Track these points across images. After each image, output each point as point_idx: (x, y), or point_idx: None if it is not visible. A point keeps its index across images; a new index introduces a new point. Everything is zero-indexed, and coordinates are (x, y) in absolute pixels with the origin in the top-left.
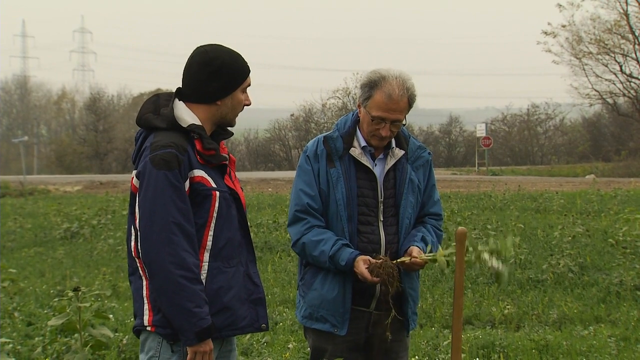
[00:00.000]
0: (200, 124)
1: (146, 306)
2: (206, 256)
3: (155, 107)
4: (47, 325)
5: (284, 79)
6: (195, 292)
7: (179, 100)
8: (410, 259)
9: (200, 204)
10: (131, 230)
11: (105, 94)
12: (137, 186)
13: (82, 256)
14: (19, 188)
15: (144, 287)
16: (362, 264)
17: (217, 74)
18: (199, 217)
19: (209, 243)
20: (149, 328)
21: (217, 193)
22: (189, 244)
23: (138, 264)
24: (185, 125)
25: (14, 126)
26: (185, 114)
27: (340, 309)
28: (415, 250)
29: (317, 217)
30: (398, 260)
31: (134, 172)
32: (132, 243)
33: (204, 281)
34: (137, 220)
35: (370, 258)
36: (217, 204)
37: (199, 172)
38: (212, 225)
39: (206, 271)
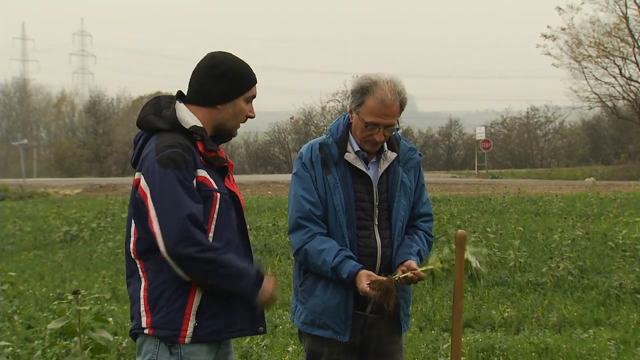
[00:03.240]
0: (202, 126)
1: (143, 307)
2: None
3: (156, 109)
4: (47, 329)
5: (283, 82)
6: (228, 258)
7: (180, 102)
8: (409, 274)
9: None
10: (130, 232)
11: (105, 97)
12: (145, 191)
13: (81, 259)
14: (18, 191)
15: (142, 289)
16: (364, 279)
17: (221, 77)
18: None
19: None
20: (146, 330)
21: (218, 194)
22: (203, 233)
23: (138, 265)
24: (187, 127)
25: (14, 129)
26: (187, 116)
27: (343, 316)
28: (414, 264)
29: (319, 224)
30: (401, 276)
31: (137, 174)
32: (132, 245)
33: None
34: (153, 224)
35: (373, 273)
36: (217, 206)
37: (202, 172)
38: (213, 226)
39: None
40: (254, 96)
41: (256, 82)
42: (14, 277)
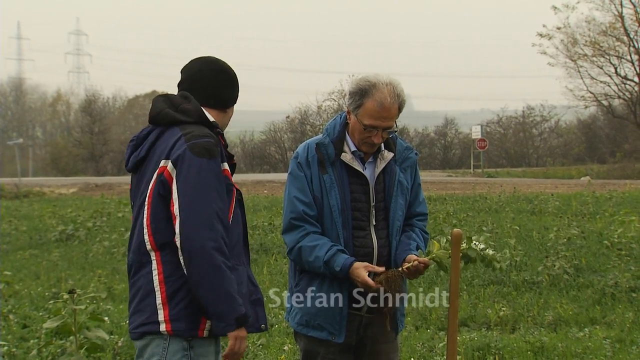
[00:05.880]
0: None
1: (160, 300)
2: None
3: (170, 104)
4: (43, 328)
5: (279, 81)
6: (233, 279)
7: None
8: (414, 263)
9: None
10: (143, 224)
11: (101, 96)
12: (172, 175)
13: (77, 258)
14: (14, 190)
15: (159, 281)
16: (362, 271)
17: (231, 82)
18: None
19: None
20: (162, 325)
21: (235, 189)
22: (226, 233)
23: (153, 257)
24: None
25: (9, 128)
26: (206, 112)
27: (337, 317)
28: (414, 257)
29: (313, 224)
30: (403, 267)
31: (164, 162)
32: (148, 236)
33: None
34: (177, 207)
35: (369, 264)
36: (234, 200)
37: (225, 166)
38: (230, 220)
39: None
40: None
41: None
42: (10, 276)
